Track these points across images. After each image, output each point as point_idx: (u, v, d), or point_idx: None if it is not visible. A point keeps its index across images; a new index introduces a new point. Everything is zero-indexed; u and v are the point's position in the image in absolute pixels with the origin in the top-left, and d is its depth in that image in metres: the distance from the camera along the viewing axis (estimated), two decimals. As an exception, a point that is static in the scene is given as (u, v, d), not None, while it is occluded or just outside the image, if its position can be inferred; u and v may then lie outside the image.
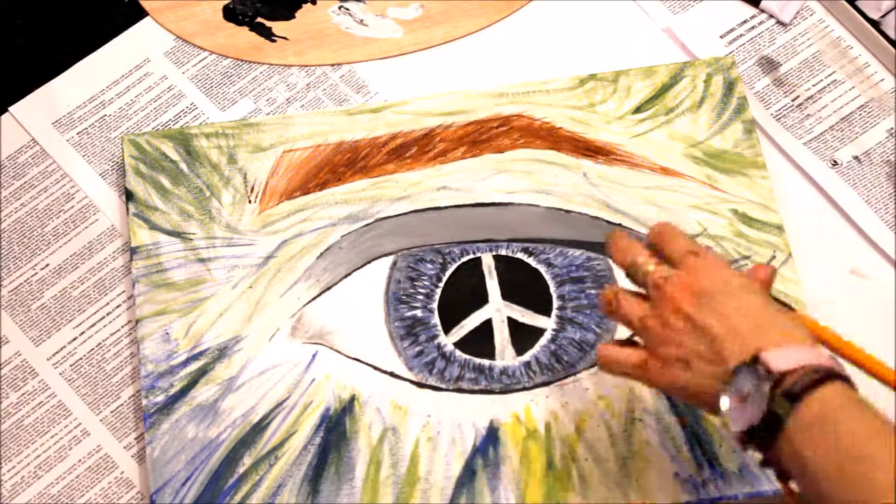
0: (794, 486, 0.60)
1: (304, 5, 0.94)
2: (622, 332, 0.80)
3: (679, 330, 0.64)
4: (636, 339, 0.68)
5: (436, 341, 0.81)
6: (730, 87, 0.87)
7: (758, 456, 0.61)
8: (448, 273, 0.83)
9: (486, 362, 0.80)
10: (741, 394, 0.60)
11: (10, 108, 0.90)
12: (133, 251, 0.83)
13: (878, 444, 0.57)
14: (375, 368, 0.80)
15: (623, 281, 0.82)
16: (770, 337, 0.62)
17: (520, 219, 0.84)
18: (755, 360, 0.60)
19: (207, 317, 0.81)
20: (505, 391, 0.79)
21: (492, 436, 0.78)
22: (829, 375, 0.59)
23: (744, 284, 0.65)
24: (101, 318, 0.84)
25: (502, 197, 0.84)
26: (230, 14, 0.93)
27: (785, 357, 0.60)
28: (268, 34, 0.92)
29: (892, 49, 0.89)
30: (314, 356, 0.80)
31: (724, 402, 0.61)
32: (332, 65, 0.92)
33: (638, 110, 0.87)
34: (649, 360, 0.65)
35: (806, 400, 0.58)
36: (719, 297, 0.64)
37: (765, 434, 0.60)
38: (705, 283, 0.65)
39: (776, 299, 0.67)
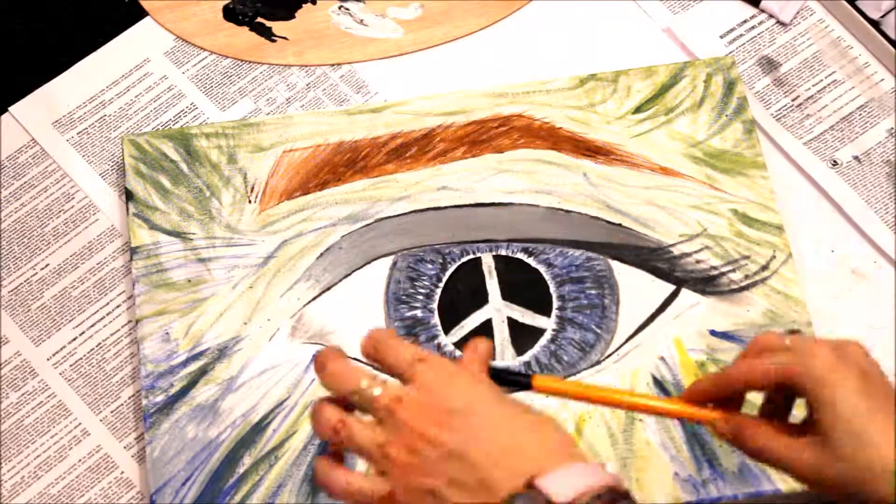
0: None
1: (304, 5, 0.94)
2: (622, 332, 0.80)
3: (428, 458, 0.57)
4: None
5: (436, 341, 0.81)
6: (730, 87, 0.87)
7: None
8: (448, 273, 0.83)
9: (486, 362, 0.80)
10: None
11: (10, 108, 0.90)
12: (133, 251, 0.83)
13: None
14: (376, 368, 0.80)
15: (624, 282, 0.82)
16: (538, 457, 0.56)
17: (520, 219, 0.84)
18: (530, 488, 0.54)
19: (207, 317, 0.81)
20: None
21: (492, 436, 0.78)
22: (613, 499, 0.55)
23: (485, 393, 0.60)
24: (101, 318, 0.84)
25: (502, 197, 0.84)
26: (230, 14, 0.93)
27: (564, 483, 0.54)
28: (268, 34, 0.92)
29: (892, 49, 0.89)
30: (314, 356, 0.80)
31: None
32: (332, 65, 0.92)
33: (638, 110, 0.87)
34: (396, 493, 0.58)
35: None
36: (467, 414, 0.58)
37: None
38: (445, 397, 0.58)
39: (503, 374, 0.63)
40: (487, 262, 0.83)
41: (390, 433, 0.58)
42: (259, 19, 0.93)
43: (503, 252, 0.83)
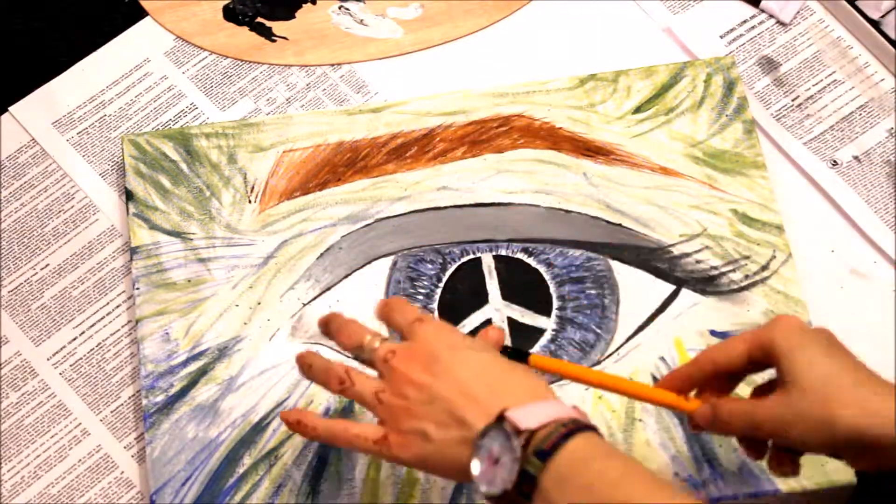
0: None
1: (304, 5, 0.94)
2: (622, 332, 0.80)
3: (415, 400, 0.63)
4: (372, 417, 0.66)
5: (436, 341, 0.81)
6: (730, 87, 0.87)
7: None
8: (448, 273, 0.83)
9: (486, 362, 0.80)
10: (492, 456, 0.60)
11: (10, 108, 0.90)
12: (133, 251, 0.83)
13: (628, 487, 0.57)
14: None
15: (624, 282, 0.82)
16: (510, 395, 0.62)
17: (520, 219, 0.84)
18: (501, 420, 0.60)
19: (207, 317, 0.81)
20: (505, 391, 0.79)
21: (492, 436, 0.78)
22: (576, 428, 0.59)
23: (472, 344, 0.66)
24: (101, 318, 0.84)
25: (502, 197, 0.84)
26: (230, 14, 0.93)
27: (531, 414, 0.60)
28: (268, 34, 0.92)
29: (892, 49, 0.89)
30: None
31: (476, 466, 0.60)
32: (332, 65, 0.92)
33: (638, 110, 0.87)
34: (390, 435, 0.63)
35: (556, 455, 0.58)
36: (449, 361, 0.64)
37: (521, 493, 0.59)
38: (434, 347, 0.64)
39: (507, 350, 0.69)
40: (487, 262, 0.83)
41: (386, 381, 0.65)
42: (259, 19, 0.93)
43: (503, 252, 0.83)
